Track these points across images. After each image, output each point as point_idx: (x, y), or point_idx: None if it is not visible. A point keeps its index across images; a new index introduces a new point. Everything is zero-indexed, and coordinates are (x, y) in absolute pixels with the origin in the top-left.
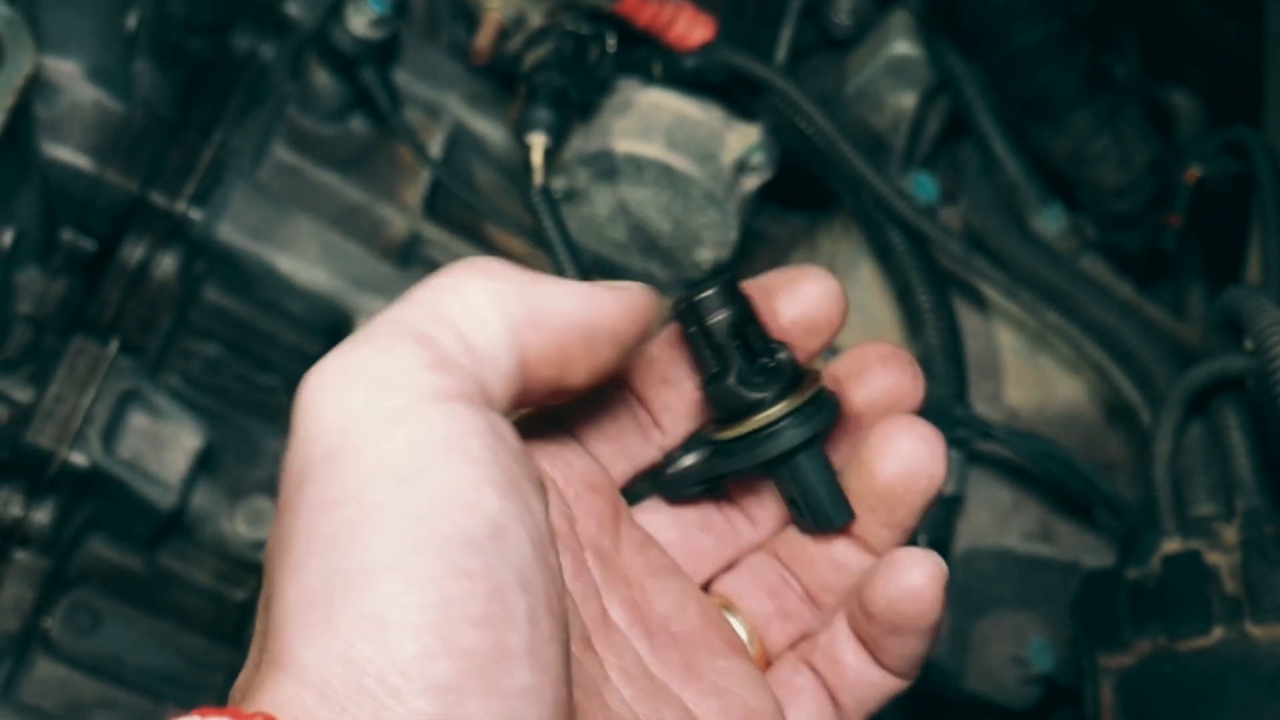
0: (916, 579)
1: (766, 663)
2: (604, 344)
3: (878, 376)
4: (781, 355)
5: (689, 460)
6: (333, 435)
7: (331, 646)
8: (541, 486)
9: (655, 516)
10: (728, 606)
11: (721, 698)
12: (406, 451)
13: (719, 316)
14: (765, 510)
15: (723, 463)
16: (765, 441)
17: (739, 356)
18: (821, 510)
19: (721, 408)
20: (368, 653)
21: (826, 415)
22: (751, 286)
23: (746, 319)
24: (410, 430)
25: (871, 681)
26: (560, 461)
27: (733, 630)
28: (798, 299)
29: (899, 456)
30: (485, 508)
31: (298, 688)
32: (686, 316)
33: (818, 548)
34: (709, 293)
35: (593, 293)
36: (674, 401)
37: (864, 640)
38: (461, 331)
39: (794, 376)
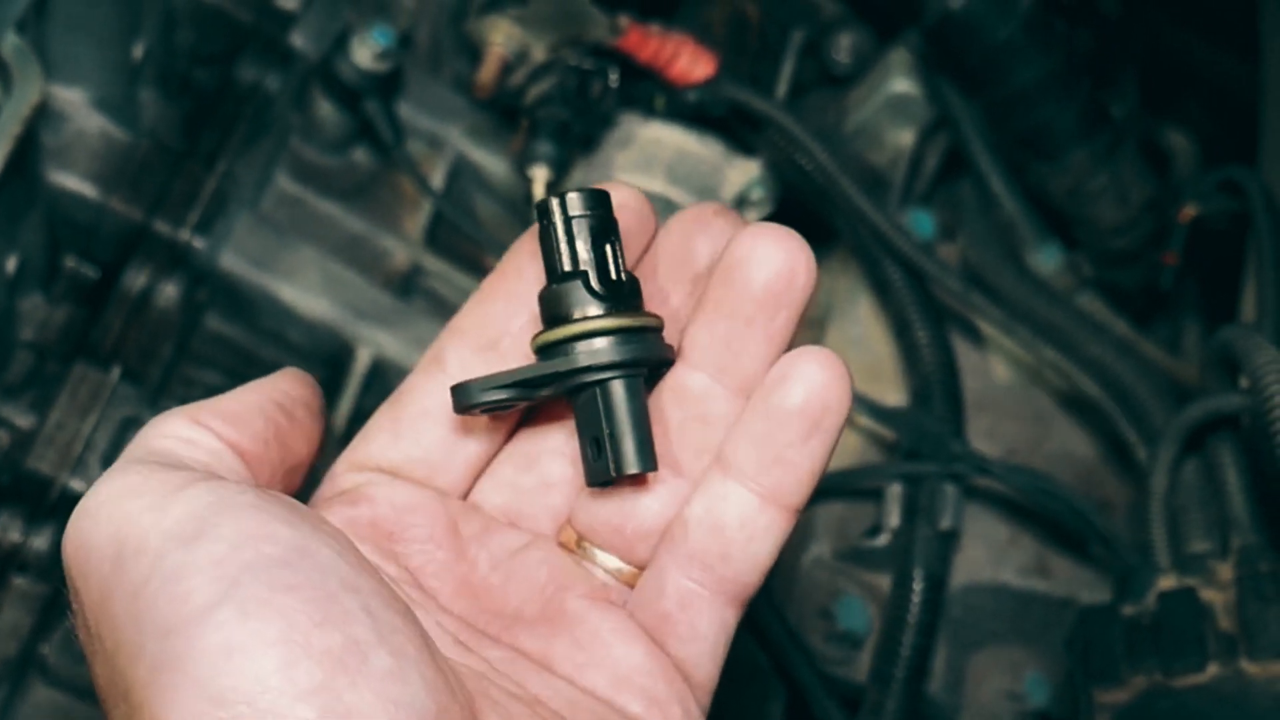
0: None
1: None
2: (301, 411)
3: (718, 227)
4: (631, 278)
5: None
6: (111, 545)
7: (195, 693)
8: (326, 523)
9: (499, 494)
10: (585, 542)
11: (582, 674)
12: (185, 519)
13: (588, 213)
14: None
15: (527, 369)
16: (590, 348)
17: (593, 259)
18: (623, 449)
19: (552, 311)
20: (230, 683)
21: (659, 349)
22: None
23: (612, 230)
24: (180, 506)
25: (761, 527)
26: (363, 505)
27: (592, 579)
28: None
29: (772, 256)
30: (280, 537)
31: None
32: (551, 210)
33: (677, 412)
34: (583, 190)
35: (267, 379)
36: (499, 363)
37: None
38: (179, 454)
39: (638, 305)
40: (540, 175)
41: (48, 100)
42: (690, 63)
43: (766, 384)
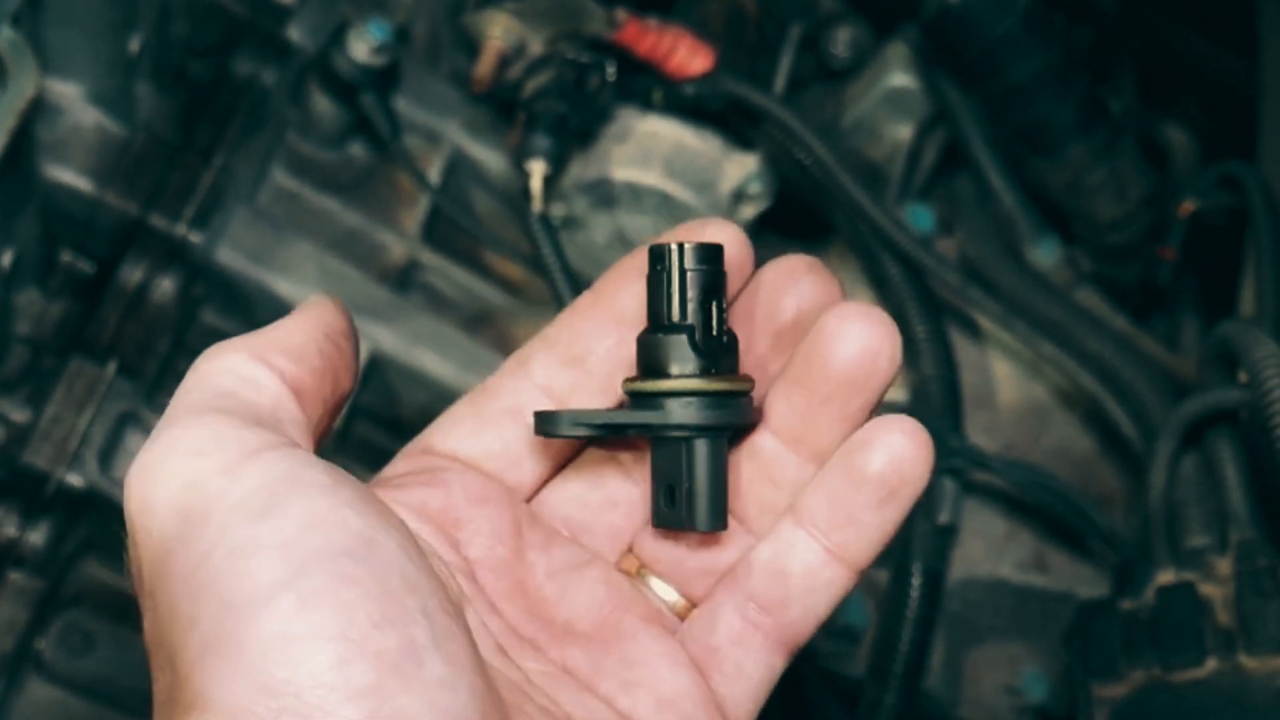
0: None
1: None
2: (344, 342)
3: (806, 284)
4: (730, 335)
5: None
6: (177, 506)
7: (245, 678)
8: (391, 512)
9: (565, 506)
10: (645, 569)
11: (630, 693)
12: (256, 492)
13: (701, 268)
14: None
15: (617, 414)
16: (683, 407)
17: (699, 315)
18: (698, 506)
19: (650, 360)
20: (283, 674)
21: (747, 414)
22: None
23: (721, 286)
24: (252, 475)
25: (823, 580)
26: (437, 488)
27: (648, 603)
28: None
29: (856, 339)
30: (349, 524)
31: None
32: (665, 257)
33: (749, 469)
34: (700, 244)
35: (310, 309)
36: (583, 379)
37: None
38: (245, 399)
39: (733, 364)
40: (537, 169)
41: (43, 94)
42: (688, 56)
43: (850, 445)
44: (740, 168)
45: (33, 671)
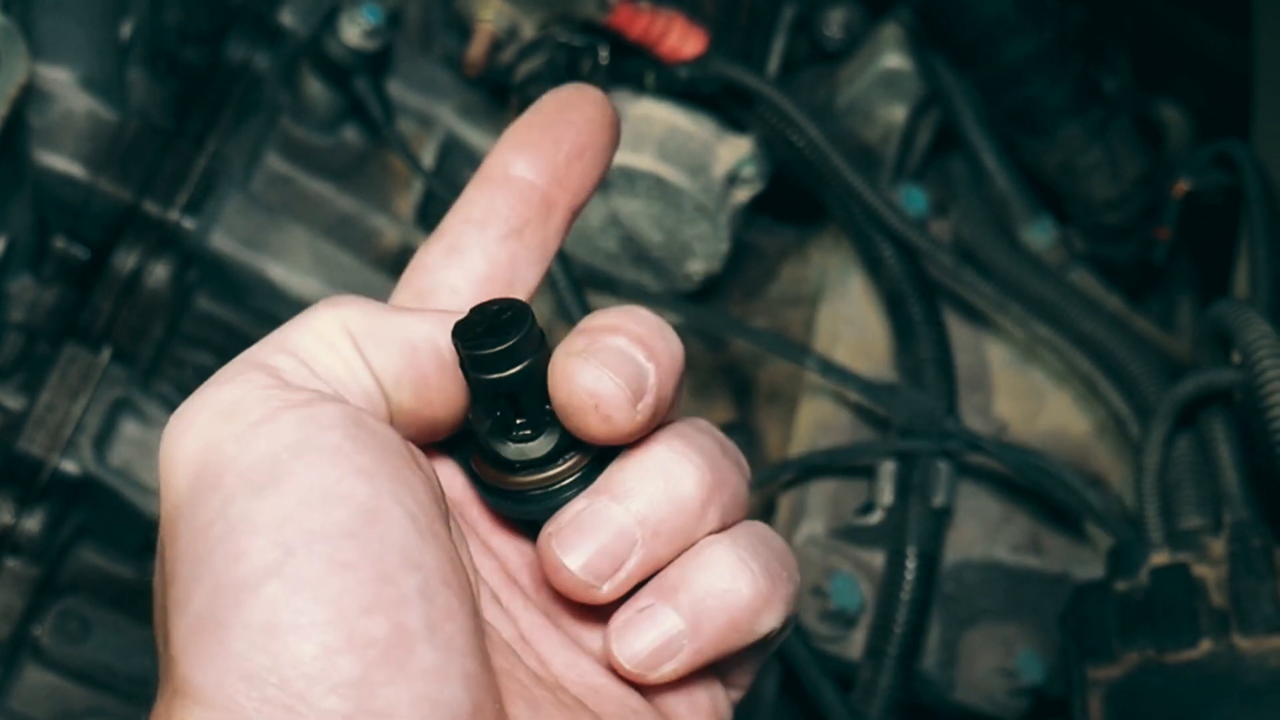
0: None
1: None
2: (453, 368)
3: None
4: (545, 433)
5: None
6: (192, 466)
7: (228, 664)
8: (420, 465)
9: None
10: None
11: None
12: (263, 460)
13: (488, 377)
14: None
15: (474, 480)
16: (511, 501)
17: (495, 417)
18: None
19: (476, 446)
20: (266, 663)
21: (561, 498)
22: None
23: (520, 384)
24: (264, 440)
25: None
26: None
27: None
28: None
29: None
30: (354, 496)
31: (204, 710)
32: (459, 350)
33: None
34: (485, 354)
35: (433, 314)
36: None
37: None
38: (304, 357)
39: (548, 448)
40: None
41: (35, 80)
42: (680, 39)
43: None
44: (734, 151)
45: (29, 658)
